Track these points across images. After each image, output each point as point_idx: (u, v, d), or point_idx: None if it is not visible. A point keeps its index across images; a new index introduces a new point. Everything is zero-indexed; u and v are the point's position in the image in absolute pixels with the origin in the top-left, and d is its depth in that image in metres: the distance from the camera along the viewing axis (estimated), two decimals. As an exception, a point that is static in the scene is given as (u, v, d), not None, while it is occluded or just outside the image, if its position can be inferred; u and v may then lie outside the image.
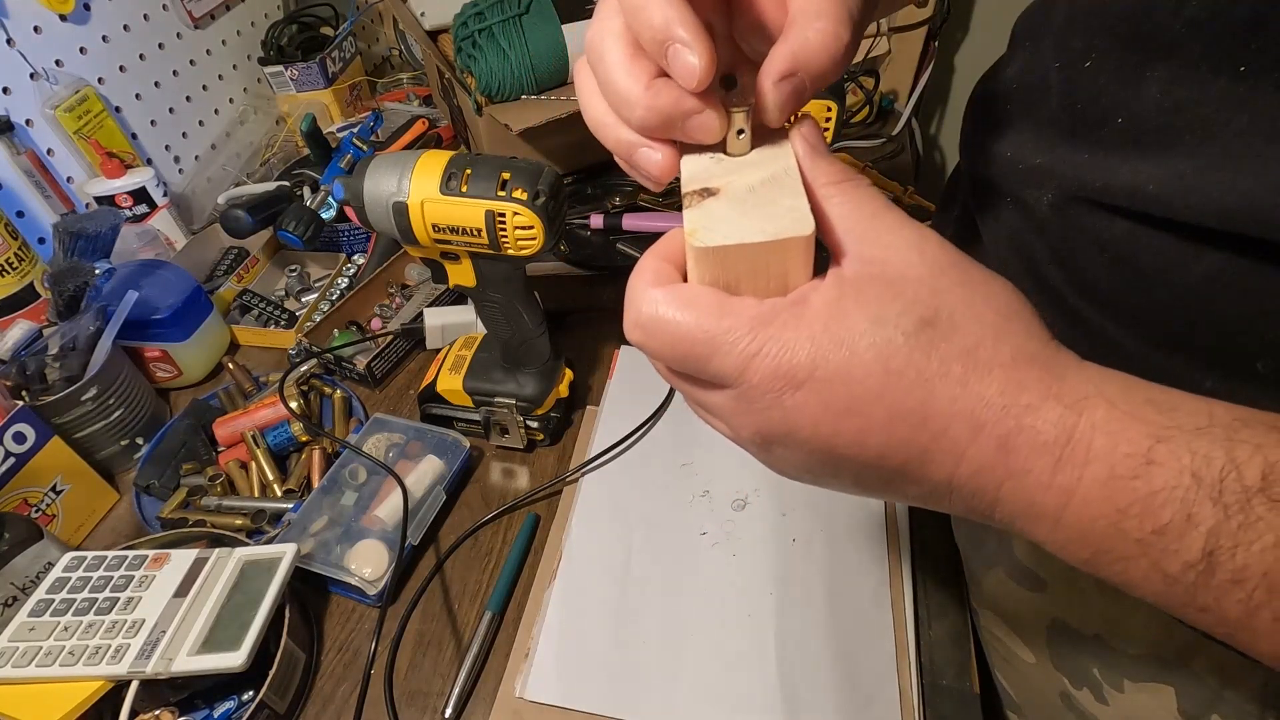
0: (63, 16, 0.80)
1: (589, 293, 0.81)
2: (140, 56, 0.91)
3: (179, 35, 0.97)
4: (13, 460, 0.56)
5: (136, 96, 0.91)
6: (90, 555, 0.52)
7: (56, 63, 0.81)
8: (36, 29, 0.78)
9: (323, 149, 0.94)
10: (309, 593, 0.56)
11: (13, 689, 0.46)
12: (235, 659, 0.45)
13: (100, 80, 0.86)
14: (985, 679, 0.49)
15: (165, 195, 0.88)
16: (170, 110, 0.96)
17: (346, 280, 0.84)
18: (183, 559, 0.52)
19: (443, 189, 0.51)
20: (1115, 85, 0.28)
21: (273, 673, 0.47)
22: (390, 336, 0.74)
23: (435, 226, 0.53)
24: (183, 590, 0.49)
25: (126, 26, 0.88)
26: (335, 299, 0.81)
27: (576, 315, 0.77)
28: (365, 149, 0.94)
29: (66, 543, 0.57)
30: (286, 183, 0.93)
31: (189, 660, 0.46)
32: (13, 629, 0.48)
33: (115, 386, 0.65)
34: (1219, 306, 0.26)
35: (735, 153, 0.26)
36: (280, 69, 1.09)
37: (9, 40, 0.75)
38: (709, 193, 0.25)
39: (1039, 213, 0.33)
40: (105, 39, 0.86)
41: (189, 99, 0.99)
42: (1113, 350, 0.30)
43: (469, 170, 0.51)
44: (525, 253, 0.53)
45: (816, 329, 0.22)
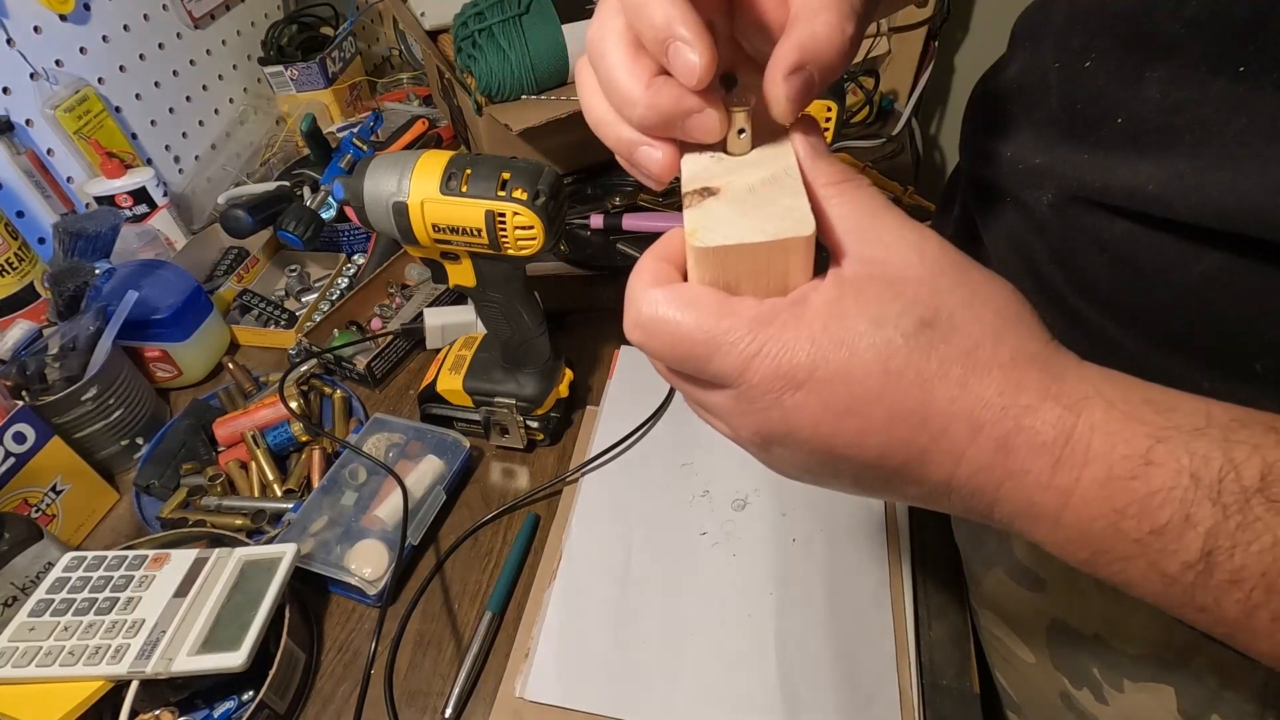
0: (63, 16, 0.80)
1: (589, 293, 0.81)
2: (140, 56, 0.91)
3: (179, 35, 0.97)
4: (13, 460, 0.56)
5: (136, 96, 0.91)
6: (90, 555, 0.52)
7: (56, 63, 0.81)
8: (36, 29, 0.78)
9: (323, 149, 0.94)
10: (309, 593, 0.56)
11: (13, 689, 0.46)
12: (235, 659, 0.45)
13: (100, 80, 0.86)
14: (985, 679, 0.49)
15: (165, 195, 0.88)
16: (170, 110, 0.96)
17: (346, 280, 0.84)
18: (183, 559, 0.52)
19: (443, 189, 0.51)
20: (1115, 85, 0.28)
21: (273, 673, 0.47)
22: (390, 336, 0.74)
23: (435, 226, 0.53)
24: (183, 590, 0.50)
25: (126, 26, 0.88)
26: (335, 299, 0.81)
27: (576, 315, 0.77)
28: (365, 149, 0.94)
29: (66, 543, 0.57)
30: (286, 183, 0.93)
31: (189, 660, 0.46)
32: (13, 629, 0.48)
33: (115, 386, 0.65)
34: (1218, 306, 0.26)
35: (736, 152, 0.26)
36: (280, 69, 1.09)
37: (9, 40, 0.75)
38: (709, 192, 0.25)
39: (1039, 213, 0.33)
40: (105, 39, 0.86)
41: (189, 99, 0.99)
42: (1112, 350, 0.30)
43: (469, 170, 0.51)
44: (525, 253, 0.53)
45: (816, 329, 0.22)
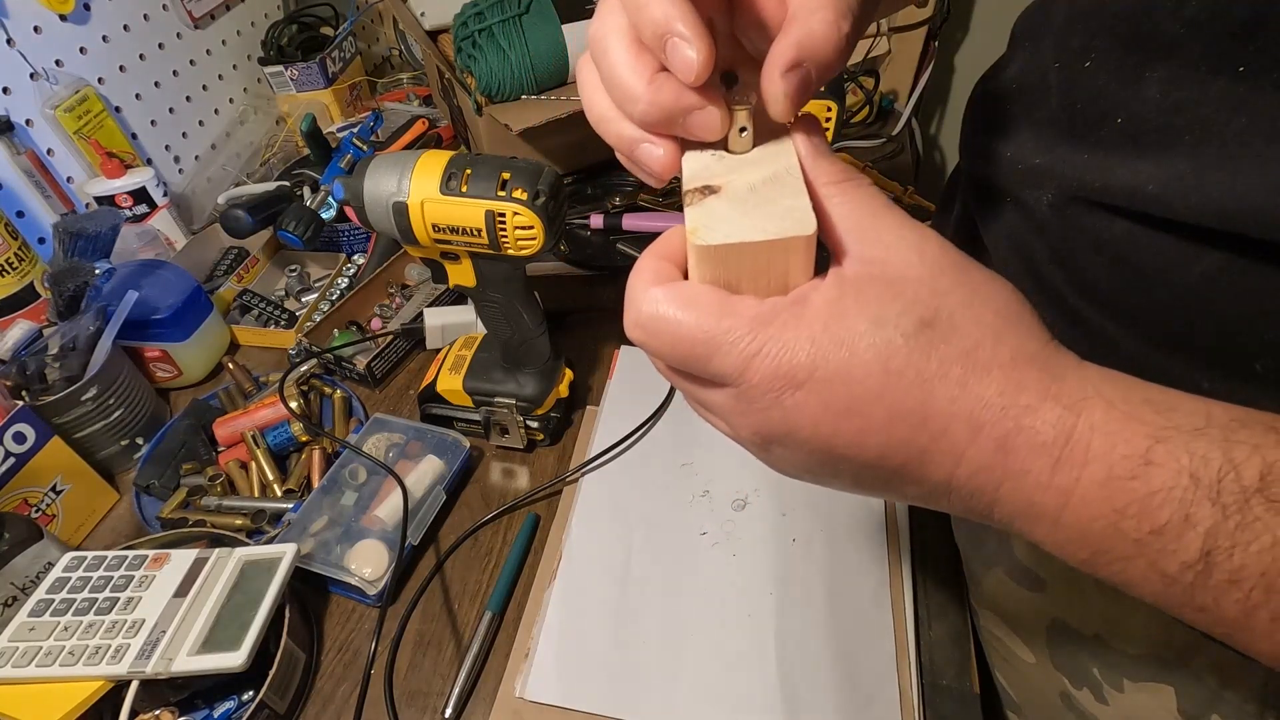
0: (63, 16, 0.80)
1: (589, 293, 0.81)
2: (140, 56, 0.91)
3: (179, 35, 0.97)
4: (13, 460, 0.56)
5: (136, 96, 0.91)
6: (90, 555, 0.52)
7: (56, 63, 0.81)
8: (36, 29, 0.78)
9: (323, 149, 0.94)
10: (309, 593, 0.56)
11: (13, 689, 0.46)
12: (235, 659, 0.45)
13: (100, 80, 0.86)
14: (985, 679, 0.49)
15: (165, 195, 0.88)
16: (170, 110, 0.96)
17: (346, 280, 0.84)
18: (183, 559, 0.52)
19: (443, 189, 0.51)
20: (1115, 85, 0.28)
21: (273, 673, 0.47)
22: (390, 336, 0.74)
23: (435, 226, 0.53)
24: (183, 590, 0.50)
25: (126, 26, 0.88)
26: (335, 299, 0.81)
27: (576, 315, 0.77)
28: (365, 149, 0.94)
29: (66, 543, 0.57)
30: (286, 183, 0.93)
31: (189, 660, 0.46)
32: (13, 629, 0.48)
33: (115, 386, 0.65)
34: (1218, 306, 0.26)
35: (737, 151, 0.26)
36: (280, 69, 1.09)
37: (9, 40, 0.75)
38: (710, 191, 0.25)
39: (1038, 213, 0.33)
40: (105, 39, 0.86)
41: (189, 99, 0.99)
42: (1112, 350, 0.30)
43: (469, 170, 0.51)
44: (525, 253, 0.53)
45: (816, 329, 0.22)
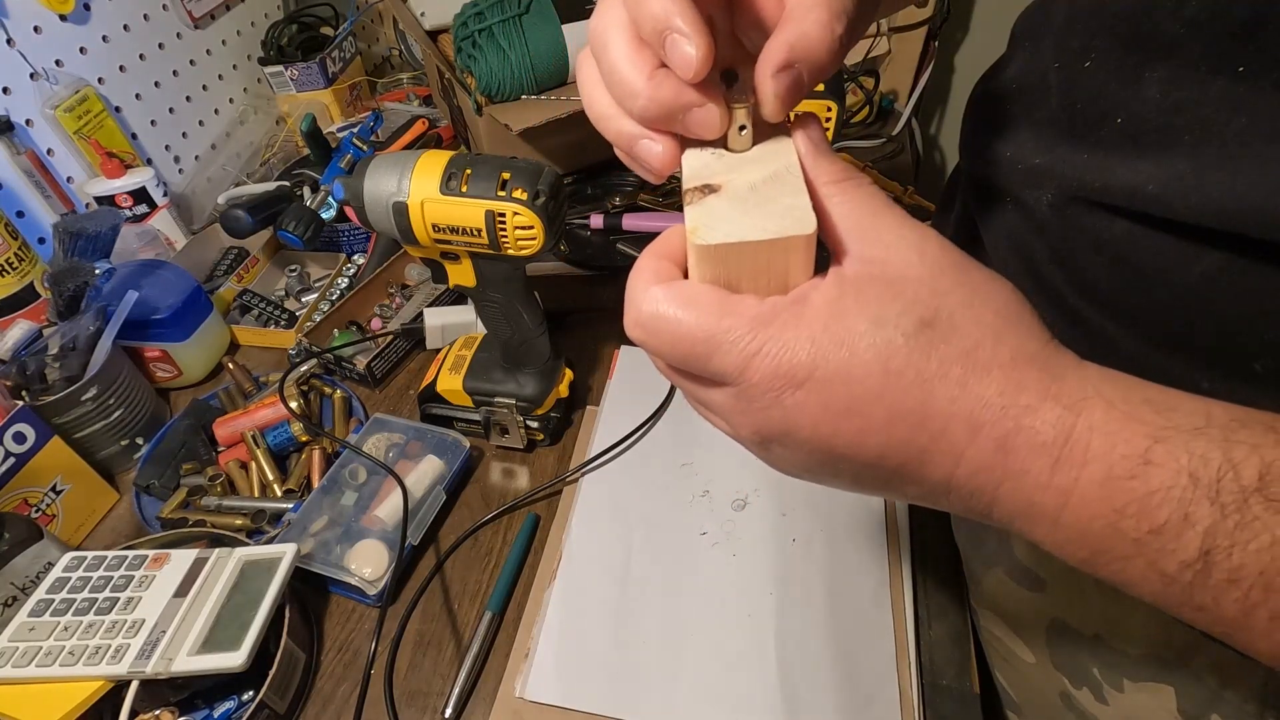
0: (63, 16, 0.80)
1: (589, 293, 0.81)
2: (140, 56, 0.91)
3: (179, 35, 0.97)
4: (13, 460, 0.56)
5: (136, 96, 0.91)
6: (90, 555, 0.52)
7: (56, 63, 0.81)
8: (36, 29, 0.78)
9: (323, 149, 0.94)
10: (309, 593, 0.56)
11: (13, 689, 0.46)
12: (235, 659, 0.45)
13: (100, 80, 0.86)
14: (985, 679, 0.49)
15: (165, 195, 0.88)
16: (170, 110, 0.96)
17: (346, 280, 0.84)
18: (183, 559, 0.52)
19: (443, 189, 0.51)
20: (1115, 85, 0.28)
21: (273, 673, 0.47)
22: (390, 336, 0.74)
23: (435, 226, 0.53)
24: (183, 590, 0.50)
25: (126, 26, 0.88)
26: (335, 299, 0.81)
27: (576, 315, 0.77)
28: (365, 149, 0.94)
29: (66, 543, 0.57)
30: (286, 183, 0.93)
31: (189, 660, 0.46)
32: (13, 629, 0.48)
33: (115, 386, 0.65)
34: (1218, 306, 0.26)
35: (737, 149, 0.26)
36: (280, 69, 1.09)
37: (9, 40, 0.75)
38: (710, 189, 0.25)
39: (1038, 213, 0.33)
40: (105, 39, 0.86)
41: (189, 99, 0.99)
42: (1112, 350, 0.30)
43: (469, 170, 0.51)
44: (525, 253, 0.53)
45: (817, 329, 0.22)
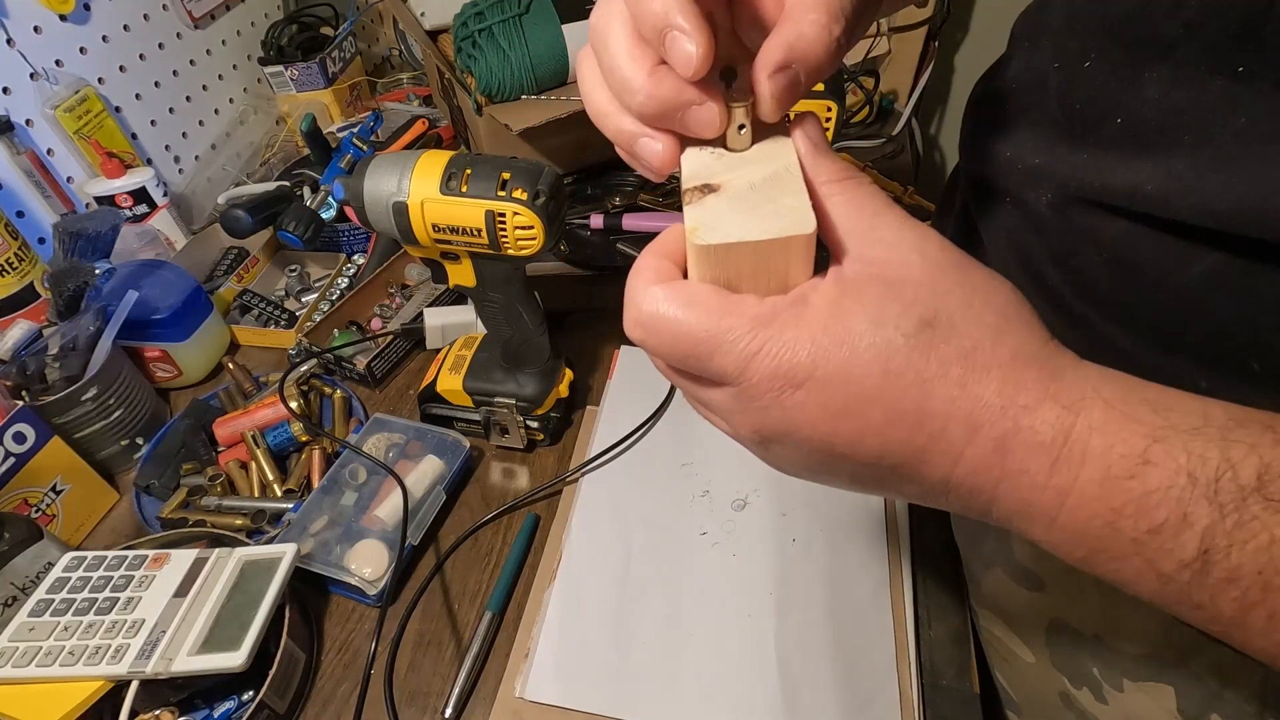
0: (63, 16, 0.80)
1: (589, 293, 0.81)
2: (140, 56, 0.91)
3: (179, 35, 0.97)
4: (13, 460, 0.56)
5: (136, 96, 0.91)
6: (90, 555, 0.52)
7: (56, 63, 0.81)
8: (36, 29, 0.78)
9: (323, 149, 0.94)
10: (309, 593, 0.56)
11: (13, 689, 0.46)
12: (235, 659, 0.45)
13: (100, 80, 0.86)
14: (985, 679, 0.49)
15: (165, 195, 0.88)
16: (170, 110, 0.96)
17: (346, 280, 0.84)
18: (183, 559, 0.52)
19: (443, 189, 0.51)
20: (1114, 86, 0.29)
21: (273, 673, 0.47)
22: (390, 336, 0.74)
23: (435, 226, 0.53)
24: (183, 590, 0.50)
25: (126, 26, 0.88)
26: (335, 299, 0.81)
27: (576, 315, 0.77)
28: (365, 149, 0.94)
29: (66, 543, 0.57)
30: (286, 183, 0.93)
31: (189, 660, 0.46)
32: (13, 629, 0.48)
33: (115, 386, 0.65)
34: (1216, 306, 0.26)
35: (736, 148, 0.26)
36: (280, 69, 1.09)
37: (9, 40, 0.75)
38: (710, 189, 0.25)
39: (1038, 213, 0.33)
40: (105, 39, 0.86)
41: (189, 99, 0.99)
42: (1110, 349, 0.30)
43: (469, 170, 0.51)
44: (525, 253, 0.53)
45: (816, 329, 0.22)
